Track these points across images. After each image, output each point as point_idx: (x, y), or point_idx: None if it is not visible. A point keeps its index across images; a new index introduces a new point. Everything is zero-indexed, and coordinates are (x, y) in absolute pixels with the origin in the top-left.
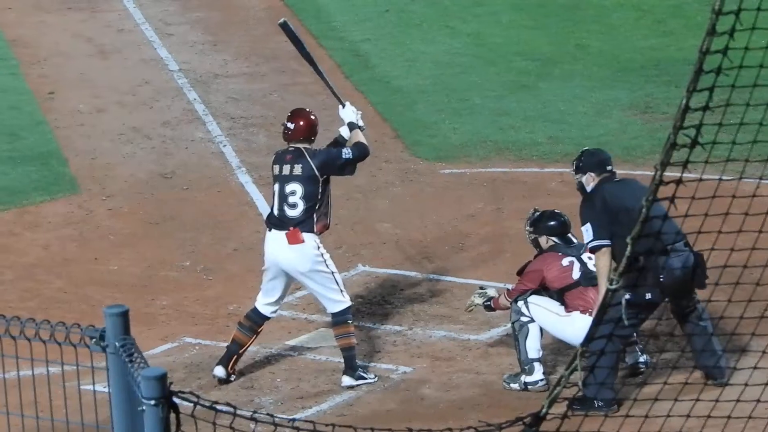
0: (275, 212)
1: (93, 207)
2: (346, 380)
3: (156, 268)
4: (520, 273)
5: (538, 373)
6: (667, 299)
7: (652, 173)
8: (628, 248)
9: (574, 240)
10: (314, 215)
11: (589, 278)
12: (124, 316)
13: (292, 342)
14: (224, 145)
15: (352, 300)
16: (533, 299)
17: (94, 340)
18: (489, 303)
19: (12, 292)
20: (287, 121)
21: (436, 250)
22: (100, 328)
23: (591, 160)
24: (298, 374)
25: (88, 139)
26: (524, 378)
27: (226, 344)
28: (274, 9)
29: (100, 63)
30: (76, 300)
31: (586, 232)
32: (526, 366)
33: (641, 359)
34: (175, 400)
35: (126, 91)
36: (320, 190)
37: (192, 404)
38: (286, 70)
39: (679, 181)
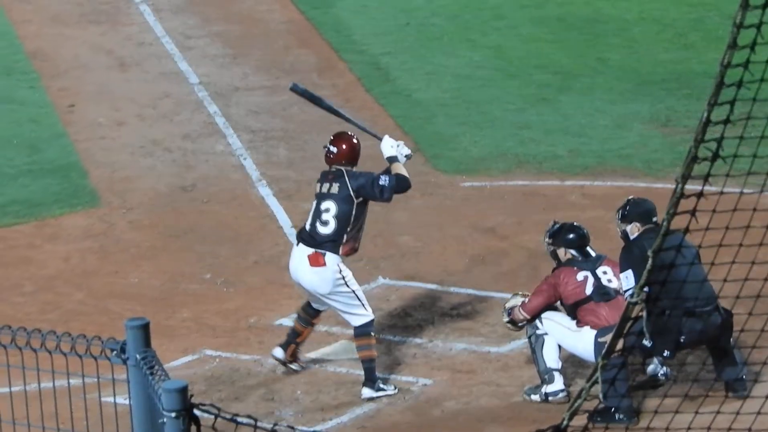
0: (307, 227)
1: (113, 220)
2: (366, 392)
3: (176, 280)
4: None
5: (558, 383)
6: None
7: (673, 187)
8: (650, 261)
9: (592, 253)
10: (344, 236)
11: (601, 294)
12: (145, 328)
13: (312, 354)
14: (244, 158)
15: (373, 313)
16: (546, 314)
17: (114, 352)
18: (510, 319)
19: (32, 305)
20: (330, 144)
21: (457, 262)
22: (121, 340)
23: (636, 210)
24: (319, 386)
25: (109, 151)
26: (545, 389)
27: (246, 356)
28: (294, 22)
29: (120, 76)
30: (96, 312)
31: (626, 279)
32: (545, 375)
33: (661, 371)
34: (196, 412)
35: (146, 104)
36: (354, 212)
37: (213, 416)
38: (306, 84)
39: (700, 195)
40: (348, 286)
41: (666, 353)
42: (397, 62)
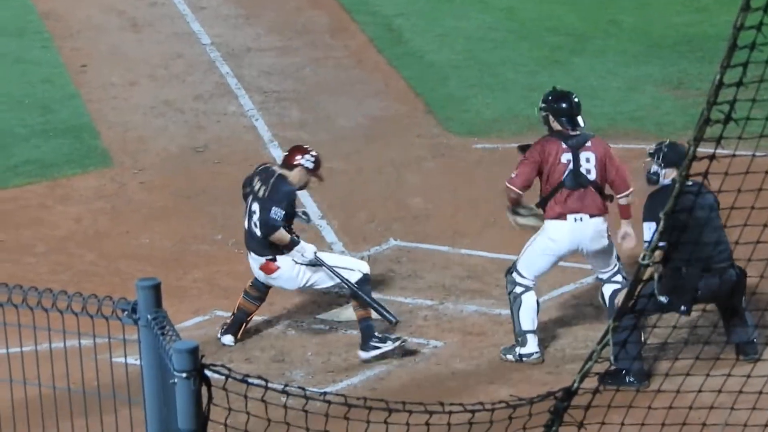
0: (245, 226)
1: (125, 180)
2: (363, 354)
3: (188, 241)
4: (523, 149)
5: (531, 345)
6: None
7: (685, 149)
8: (661, 223)
9: (582, 123)
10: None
11: (575, 181)
12: (156, 289)
13: (323, 316)
14: (256, 119)
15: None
16: (517, 263)
17: (126, 312)
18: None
19: (44, 265)
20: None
21: (468, 224)
22: (132, 301)
23: (675, 157)
24: (329, 348)
25: (121, 112)
26: (519, 350)
27: (257, 317)
28: None
29: (133, 36)
30: (107, 273)
31: (648, 230)
32: (519, 338)
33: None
34: (207, 373)
35: (158, 64)
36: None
37: (223, 377)
38: (318, 45)
39: (712, 157)
40: (314, 271)
41: (683, 308)
42: (410, 24)
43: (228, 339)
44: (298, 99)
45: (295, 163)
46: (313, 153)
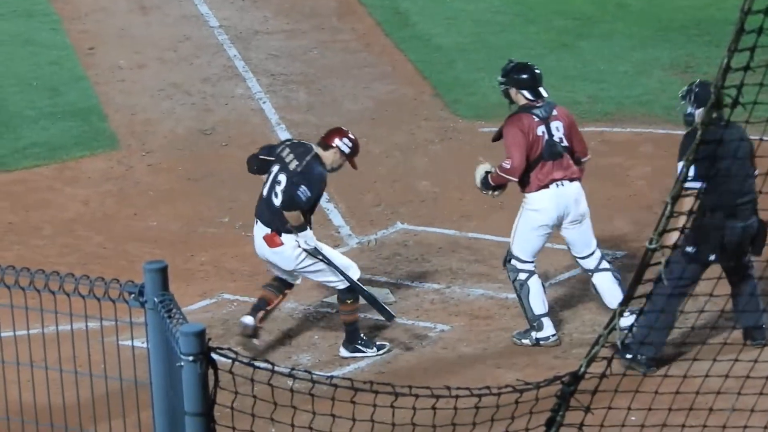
0: (264, 193)
1: (132, 163)
2: (342, 351)
3: (195, 224)
4: (496, 139)
5: (548, 328)
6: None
7: None
8: (668, 208)
9: (545, 94)
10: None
11: (551, 152)
12: (163, 271)
13: (329, 299)
14: (264, 102)
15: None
16: (512, 249)
17: (133, 295)
18: (486, 182)
19: (51, 248)
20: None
21: (475, 208)
22: (139, 283)
23: (708, 95)
24: (336, 332)
25: (129, 95)
26: (535, 335)
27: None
28: None
29: (141, 19)
30: (115, 255)
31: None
32: (534, 323)
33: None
34: (214, 356)
35: (166, 47)
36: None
37: (230, 360)
38: (326, 28)
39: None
40: (313, 258)
41: (711, 257)
42: (417, 7)
43: (248, 319)
44: (306, 82)
45: (332, 144)
46: (351, 137)
